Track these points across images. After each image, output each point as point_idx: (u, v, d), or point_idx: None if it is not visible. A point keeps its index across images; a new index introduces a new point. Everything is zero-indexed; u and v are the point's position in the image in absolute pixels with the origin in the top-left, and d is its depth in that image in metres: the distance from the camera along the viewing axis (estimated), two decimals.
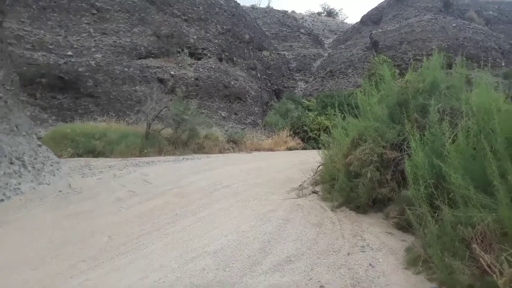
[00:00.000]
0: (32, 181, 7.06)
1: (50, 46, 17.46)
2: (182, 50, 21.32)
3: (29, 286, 3.28)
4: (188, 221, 5.25)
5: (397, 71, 7.10)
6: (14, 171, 6.83)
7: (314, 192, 7.04)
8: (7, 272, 3.53)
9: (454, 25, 25.82)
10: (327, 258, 3.84)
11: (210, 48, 22.62)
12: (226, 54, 23.54)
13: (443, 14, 27.49)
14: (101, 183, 7.68)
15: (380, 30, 28.80)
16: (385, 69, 5.86)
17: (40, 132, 12.82)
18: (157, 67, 19.83)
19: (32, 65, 16.17)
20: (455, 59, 5.38)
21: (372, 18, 33.64)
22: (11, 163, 6.88)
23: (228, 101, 21.61)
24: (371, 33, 29.06)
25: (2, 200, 5.88)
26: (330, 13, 53.26)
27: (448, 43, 23.93)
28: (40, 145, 8.92)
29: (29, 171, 7.28)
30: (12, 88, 8.58)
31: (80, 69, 17.34)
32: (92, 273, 3.53)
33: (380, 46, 26.83)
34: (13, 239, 4.35)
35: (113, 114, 16.64)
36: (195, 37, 22.31)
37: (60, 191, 6.83)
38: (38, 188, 6.89)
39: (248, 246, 4.16)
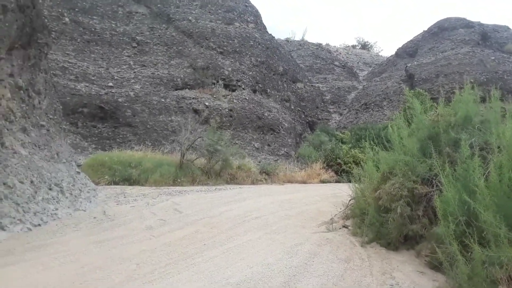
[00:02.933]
0: (69, 207, 7.31)
1: (93, 78, 18.36)
2: (217, 81, 21.86)
3: None
4: (215, 252, 5.27)
5: (434, 104, 6.99)
6: (52, 197, 7.11)
7: (344, 226, 6.93)
8: None
9: (493, 58, 25.35)
10: None
11: (244, 80, 23.07)
12: (260, 85, 23.92)
13: (481, 47, 27.05)
14: (133, 210, 7.85)
15: (415, 62, 28.59)
16: (415, 102, 5.81)
17: (80, 159, 13.32)
18: (193, 98, 20.37)
19: (75, 95, 17.01)
20: (497, 93, 5.26)
21: (407, 51, 33.47)
22: (50, 189, 7.17)
23: (261, 132, 21.78)
24: (407, 66, 28.87)
25: (39, 224, 6.11)
26: (365, 46, 53.35)
27: (487, 76, 23.46)
28: (78, 172, 9.27)
29: (66, 197, 7.56)
30: (55, 117, 9.04)
31: (119, 100, 18.07)
32: None
33: (416, 79, 26.58)
34: (45, 263, 4.48)
35: (149, 143, 17.10)
36: (229, 69, 22.86)
37: (94, 217, 7.03)
38: (74, 214, 7.11)
39: (272, 279, 4.13)
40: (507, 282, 2.71)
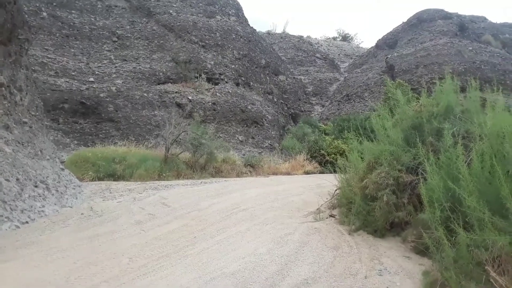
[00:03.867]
0: (55, 204, 7.26)
1: (73, 73, 18.09)
2: (200, 75, 21.79)
3: None
4: (206, 244, 5.34)
5: (414, 95, 7.16)
6: (39, 194, 7.05)
7: (331, 215, 7.06)
8: None
9: (471, 48, 25.86)
10: (344, 281, 3.88)
11: (227, 73, 23.05)
12: (243, 79, 23.92)
13: (458, 38, 27.56)
14: (121, 206, 7.84)
15: (395, 54, 28.98)
16: (399, 93, 5.95)
17: (62, 156, 13.14)
18: (176, 92, 20.27)
19: (56, 91, 16.74)
20: (476, 83, 5.42)
21: (387, 42, 33.81)
22: (36, 186, 7.11)
23: (245, 125, 21.83)
24: (387, 57, 29.22)
25: (27, 222, 6.07)
26: (345, 38, 53.74)
27: (465, 66, 23.95)
28: (63, 169, 9.18)
29: (52, 194, 7.50)
30: (37, 113, 8.92)
31: (101, 95, 17.87)
32: None
33: (396, 70, 26.96)
34: (37, 260, 4.48)
35: (133, 138, 16.97)
36: (212, 62, 22.80)
37: (82, 213, 7.00)
38: (61, 211, 7.08)
39: (266, 268, 4.22)
40: (492, 263, 2.85)
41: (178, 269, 4.25)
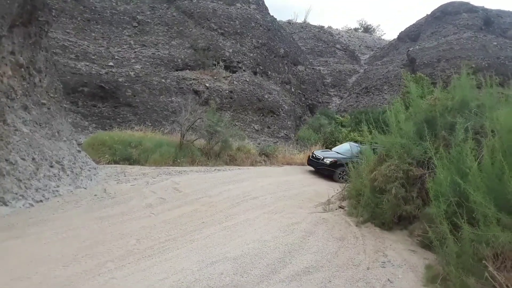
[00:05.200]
0: (70, 185, 7.42)
1: (93, 57, 18.27)
2: (218, 63, 21.78)
3: (58, 281, 3.50)
4: (213, 229, 5.40)
5: (434, 89, 7.03)
6: (54, 174, 7.20)
7: (340, 207, 7.06)
8: (40, 266, 3.77)
9: (495, 43, 25.18)
10: (346, 271, 3.89)
11: (245, 62, 22.98)
12: (261, 68, 23.82)
13: (483, 32, 26.85)
14: (134, 189, 7.97)
15: (417, 47, 28.41)
16: (412, 86, 5.87)
17: (80, 138, 13.37)
18: (193, 79, 20.32)
19: (76, 74, 16.96)
20: (496, 79, 5.29)
21: (409, 35, 33.19)
22: (51, 167, 7.26)
23: (261, 115, 21.79)
24: (408, 50, 28.70)
25: (41, 201, 6.22)
26: (367, 29, 52.83)
27: (489, 61, 23.36)
28: (79, 151, 9.35)
29: (67, 175, 7.66)
30: (56, 95, 9.07)
31: (120, 79, 18.03)
32: (118, 272, 3.73)
33: (417, 63, 26.45)
34: (48, 237, 4.61)
35: (149, 124, 17.13)
36: (230, 50, 22.75)
37: (95, 195, 7.15)
38: (75, 192, 7.23)
39: (268, 255, 4.26)
40: (493, 259, 2.82)
41: (183, 252, 4.32)
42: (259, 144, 18.62)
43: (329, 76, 32.76)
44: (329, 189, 8.56)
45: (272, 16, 29.06)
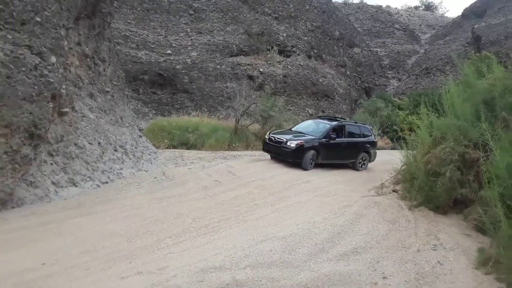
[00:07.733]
0: (132, 168, 7.90)
1: (152, 46, 19.00)
2: (272, 47, 21.81)
3: (123, 254, 3.83)
4: (265, 211, 5.58)
5: (502, 68, 6.69)
6: (118, 157, 7.70)
7: (394, 191, 6.98)
8: (106, 241, 4.14)
9: None
10: (395, 253, 3.91)
11: (299, 46, 22.83)
12: (315, 51, 23.57)
13: None
14: (190, 172, 8.33)
15: (483, 24, 26.73)
16: (468, 67, 5.65)
17: (141, 124, 14.05)
18: (247, 64, 20.55)
19: (136, 63, 17.75)
20: None
21: (475, 11, 31.26)
22: (115, 151, 7.76)
23: (315, 99, 21.66)
24: (473, 27, 27.08)
25: (107, 182, 6.70)
26: (429, 7, 50.23)
27: None
28: (140, 136, 9.87)
29: (130, 159, 8.15)
30: (119, 83, 9.60)
31: (177, 67, 18.63)
32: (175, 248, 4.02)
33: (483, 41, 24.92)
34: (112, 215, 5.01)
35: (205, 109, 17.61)
36: (284, 34, 22.68)
37: (155, 177, 7.56)
38: (137, 174, 7.69)
39: (317, 235, 4.36)
40: None
41: (235, 231, 4.54)
42: None
43: (386, 57, 31.75)
44: (384, 173, 8.45)
45: None
